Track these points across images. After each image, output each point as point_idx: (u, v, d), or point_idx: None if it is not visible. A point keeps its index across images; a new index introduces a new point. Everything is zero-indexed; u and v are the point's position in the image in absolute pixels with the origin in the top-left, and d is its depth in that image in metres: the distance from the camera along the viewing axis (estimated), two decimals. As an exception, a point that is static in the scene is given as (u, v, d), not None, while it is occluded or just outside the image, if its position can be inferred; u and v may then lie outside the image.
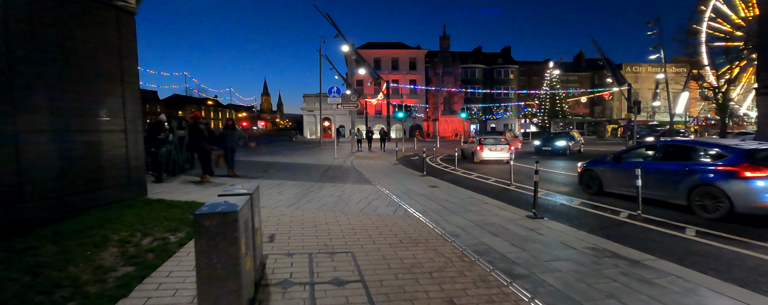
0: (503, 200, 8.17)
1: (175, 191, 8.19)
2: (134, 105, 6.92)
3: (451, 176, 13.10)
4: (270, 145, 30.51)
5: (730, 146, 7.12)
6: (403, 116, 25.96)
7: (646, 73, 78.22)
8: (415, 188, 9.30)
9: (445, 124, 48.52)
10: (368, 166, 15.00)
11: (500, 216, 6.36)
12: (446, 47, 50.33)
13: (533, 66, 78.34)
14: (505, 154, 17.19)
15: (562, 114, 50.84)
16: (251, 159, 16.52)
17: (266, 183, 9.57)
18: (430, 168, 15.07)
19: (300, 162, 15.89)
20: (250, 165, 14.15)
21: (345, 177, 11.28)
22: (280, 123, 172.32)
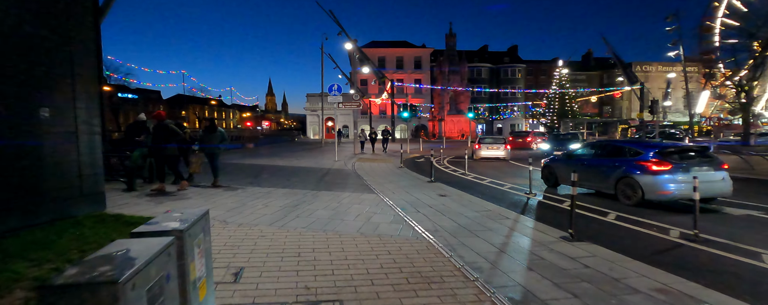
0: (526, 213, 7.00)
1: (145, 202, 7.08)
2: (89, 102, 5.81)
3: (462, 181, 11.93)
4: (270, 146, 29.46)
5: (645, 145, 8.87)
6: (408, 115, 24.77)
7: (657, 73, 76.58)
8: (422, 198, 8.13)
9: (451, 124, 47.27)
10: (371, 170, 13.85)
11: (529, 237, 5.19)
12: (452, 45, 49.07)
13: (541, 65, 76.86)
14: (501, 152, 19.12)
15: (572, 114, 49.41)
16: (244, 162, 15.42)
17: (253, 192, 8.43)
18: (438, 172, 13.89)
19: (297, 166, 14.76)
20: (242, 169, 13.04)
21: (344, 184, 10.12)
22: (284, 123, 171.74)
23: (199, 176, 10.01)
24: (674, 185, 7.37)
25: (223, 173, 11.39)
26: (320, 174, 12.14)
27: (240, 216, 6.03)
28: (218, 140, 9.35)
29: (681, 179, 7.38)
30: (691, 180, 6.42)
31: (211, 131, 9.36)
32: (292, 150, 24.62)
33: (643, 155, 8.14)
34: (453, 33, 49.04)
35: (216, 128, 9.49)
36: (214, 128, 9.48)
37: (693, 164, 7.83)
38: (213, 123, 9.68)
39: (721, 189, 7.73)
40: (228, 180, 10.09)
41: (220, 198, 7.51)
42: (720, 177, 7.76)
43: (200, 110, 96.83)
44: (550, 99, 50.63)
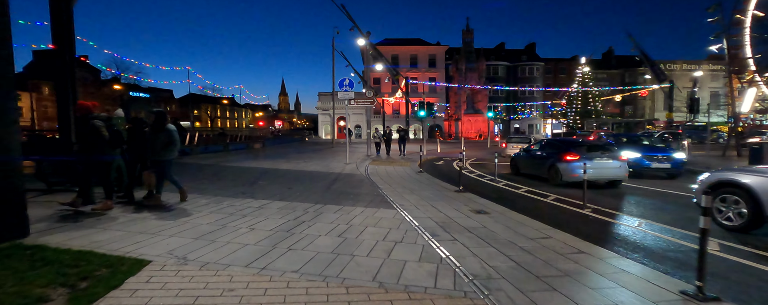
0: (603, 243, 5.19)
1: (88, 226, 5.45)
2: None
3: (495, 190, 10.11)
4: (278, 146, 27.95)
5: (565, 141, 12.92)
6: (425, 114, 22.99)
7: (681, 71, 73.53)
8: (455, 216, 6.36)
9: (467, 124, 45.28)
10: (386, 175, 12.11)
11: (631, 290, 3.40)
12: (470, 41, 47.03)
13: (560, 63, 74.34)
14: None
15: (595, 114, 46.95)
16: (244, 165, 13.81)
17: (241, 207, 6.76)
18: (464, 178, 12.12)
19: (303, 169, 13.09)
20: (238, 175, 11.41)
21: (356, 194, 8.39)
22: (297, 123, 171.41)
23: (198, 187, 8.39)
24: (581, 170, 8.56)
25: (215, 180, 9.80)
26: (328, 181, 10.43)
27: (210, 249, 4.34)
28: (162, 144, 6.49)
29: (585, 166, 8.68)
30: (592, 167, 9.75)
31: (157, 129, 6.56)
32: (301, 151, 23.02)
33: (562, 149, 11.29)
34: (470, 29, 46.96)
35: (164, 125, 6.58)
36: (161, 123, 6.58)
37: (595, 156, 10.78)
38: (161, 117, 6.67)
39: (617, 175, 10.71)
40: (216, 189, 8.45)
41: (195, 217, 5.85)
42: (616, 166, 10.68)
43: (212, 110, 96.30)
44: (572, 98, 48.22)
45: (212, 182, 9.56)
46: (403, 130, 21.39)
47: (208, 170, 12.20)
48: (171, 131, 6.61)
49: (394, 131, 21.11)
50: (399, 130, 21.93)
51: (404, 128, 21.62)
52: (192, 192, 7.83)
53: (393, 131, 20.24)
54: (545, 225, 5.89)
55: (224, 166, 13.31)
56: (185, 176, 10.27)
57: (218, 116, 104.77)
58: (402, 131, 21.91)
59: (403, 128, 21.04)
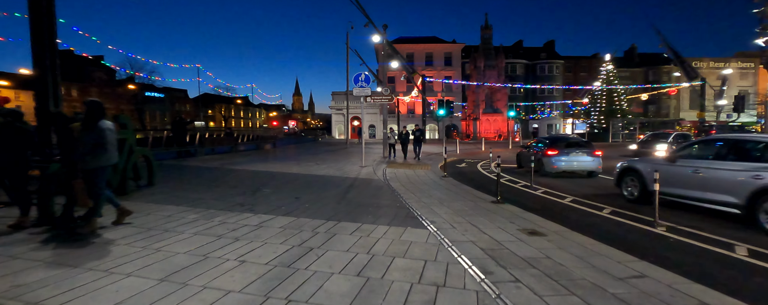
0: (718, 284, 3.74)
1: (20, 257, 4.23)
2: None
3: (536, 200, 8.67)
4: (289, 147, 26.82)
5: (547, 137, 14.81)
6: (444, 113, 21.59)
7: (708, 69, 70.53)
8: (504, 240, 4.98)
9: (486, 123, 43.59)
10: (407, 181, 10.75)
11: None
12: (488, 38, 45.29)
13: (580, 61, 72.01)
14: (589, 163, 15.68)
15: (621, 113, 44.78)
16: (251, 168, 12.59)
17: (237, 224, 5.49)
18: (501, 186, 10.72)
19: (314, 173, 11.81)
20: (243, 179, 10.18)
21: (375, 206, 7.06)
22: (311, 123, 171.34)
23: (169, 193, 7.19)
24: (558, 163, 11.78)
25: (213, 187, 8.56)
26: (342, 188, 9.12)
27: (174, 300, 3.04)
28: (89, 146, 4.68)
29: (563, 159, 12.09)
30: (569, 160, 12.48)
31: (87, 127, 4.76)
32: (314, 152, 21.81)
33: (544, 145, 13.41)
34: (489, 25, 45.18)
35: (96, 122, 4.76)
36: (92, 120, 4.76)
37: (572, 150, 12.62)
38: (92, 111, 4.80)
39: (591, 167, 12.45)
40: (211, 199, 7.20)
41: (173, 242, 4.58)
42: (590, 159, 12.43)
43: (226, 109, 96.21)
44: (596, 97, 46.10)
45: (209, 189, 8.33)
46: (419, 130, 18.78)
47: (209, 174, 11.01)
48: (102, 131, 4.75)
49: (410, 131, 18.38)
50: (414, 131, 18.63)
51: (420, 128, 19.63)
52: (183, 203, 6.60)
53: (409, 132, 18.12)
54: (625, 254, 4.47)
55: (228, 169, 12.12)
56: (180, 182, 9.08)
57: (232, 115, 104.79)
58: (418, 131, 18.79)
59: (418, 128, 19.09)
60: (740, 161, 6.41)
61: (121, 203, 5.39)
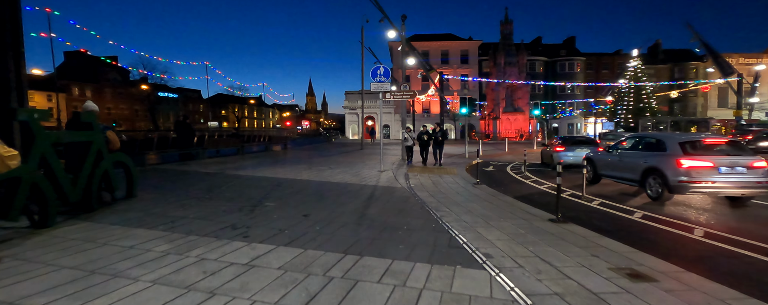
0: None
1: None
2: None
3: (601, 217, 6.98)
4: (302, 148, 25.42)
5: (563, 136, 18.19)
6: (467, 111, 19.97)
7: (738, 65, 67.18)
8: (599, 288, 3.37)
9: (506, 123, 41.60)
10: (436, 190, 9.16)
11: None
12: (508, 34, 43.27)
13: (602, 58, 69.33)
14: None
15: (650, 111, 42.33)
16: (256, 174, 11.13)
17: (220, 262, 3.98)
18: (536, 192, 9.07)
19: (328, 180, 10.29)
20: (244, 188, 8.70)
21: (405, 229, 5.48)
22: (324, 123, 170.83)
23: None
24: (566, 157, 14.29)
25: (205, 200, 7.06)
26: (361, 200, 7.57)
27: None
28: None
29: (570, 154, 14.64)
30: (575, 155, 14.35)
31: None
32: (327, 154, 20.34)
33: (558, 142, 16.12)
34: (509, 19, 43.17)
35: None
36: None
37: (578, 146, 15.10)
38: None
39: None
40: (197, 218, 5.71)
41: (113, 301, 3.08)
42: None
43: (239, 109, 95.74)
44: (623, 94, 43.73)
45: (199, 203, 6.87)
46: (441, 130, 15.55)
47: (206, 181, 9.57)
48: None
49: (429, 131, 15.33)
50: (435, 131, 15.28)
51: (441, 128, 16.28)
52: (158, 225, 5.14)
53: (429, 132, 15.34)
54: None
55: (230, 175, 10.69)
56: (166, 193, 7.63)
57: (245, 116, 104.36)
58: (438, 131, 15.33)
59: (440, 128, 16.05)
60: (641, 151, 9.35)
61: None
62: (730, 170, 7.88)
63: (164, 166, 12.32)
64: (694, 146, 8.36)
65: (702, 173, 7.82)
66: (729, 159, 7.98)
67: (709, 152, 8.27)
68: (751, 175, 7.84)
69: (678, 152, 8.25)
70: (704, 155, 8.11)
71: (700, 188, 7.88)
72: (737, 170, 7.89)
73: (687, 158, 8.02)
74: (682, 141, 8.52)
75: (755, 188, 7.83)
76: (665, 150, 8.53)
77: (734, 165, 7.91)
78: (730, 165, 7.91)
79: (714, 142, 8.65)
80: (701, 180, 7.78)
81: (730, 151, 8.32)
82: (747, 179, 7.81)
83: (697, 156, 8.05)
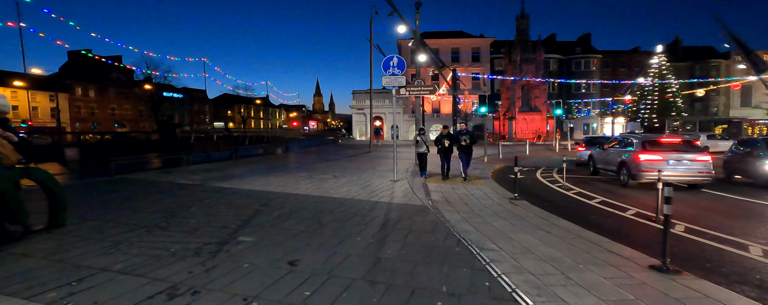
0: None
1: None
2: None
3: (716, 256, 4.91)
4: (306, 151, 23.48)
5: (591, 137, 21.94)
6: (486, 110, 17.96)
7: (762, 63, 64.05)
8: None
9: (522, 123, 39.33)
10: (467, 210, 7.15)
11: None
12: (524, 29, 40.96)
13: (619, 56, 66.75)
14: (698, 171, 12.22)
15: (676, 110, 39.83)
16: (243, 186, 9.16)
17: None
18: (607, 217, 7.02)
19: (330, 196, 8.30)
20: (218, 210, 6.75)
21: (445, 293, 3.49)
22: (331, 123, 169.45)
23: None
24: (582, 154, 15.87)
25: (157, 231, 5.06)
26: (372, 230, 5.57)
27: None
28: None
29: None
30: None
31: None
32: (332, 158, 18.38)
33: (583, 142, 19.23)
34: (526, 14, 40.87)
35: None
36: None
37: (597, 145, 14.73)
38: None
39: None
40: (130, 268, 3.75)
41: None
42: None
43: (245, 110, 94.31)
44: (646, 93, 41.27)
45: (147, 237, 4.92)
46: (467, 132, 11.40)
47: (176, 198, 7.65)
48: None
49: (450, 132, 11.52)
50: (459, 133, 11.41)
51: (467, 129, 12.63)
52: (50, 286, 3.20)
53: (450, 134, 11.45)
54: None
55: (211, 188, 8.76)
56: (109, 221, 5.67)
57: (251, 116, 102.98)
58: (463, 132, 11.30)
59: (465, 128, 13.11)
60: (620, 149, 11.58)
61: None
62: (676, 163, 10.11)
63: (139, 175, 10.44)
64: (652, 144, 10.62)
65: (654, 165, 9.91)
66: (676, 155, 10.19)
67: (662, 148, 10.44)
68: (693, 167, 10.06)
69: (639, 149, 10.60)
70: (658, 151, 10.32)
71: (650, 177, 9.80)
72: (683, 163, 10.11)
73: (644, 153, 10.35)
74: (643, 140, 10.86)
75: (697, 177, 10.15)
76: (632, 147, 10.96)
77: (680, 159, 10.13)
78: (677, 159, 10.14)
79: (669, 141, 10.91)
80: (653, 169, 9.64)
81: (680, 148, 10.46)
82: (689, 170, 10.08)
83: (651, 152, 10.34)
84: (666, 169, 9.82)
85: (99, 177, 9.87)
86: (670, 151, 10.28)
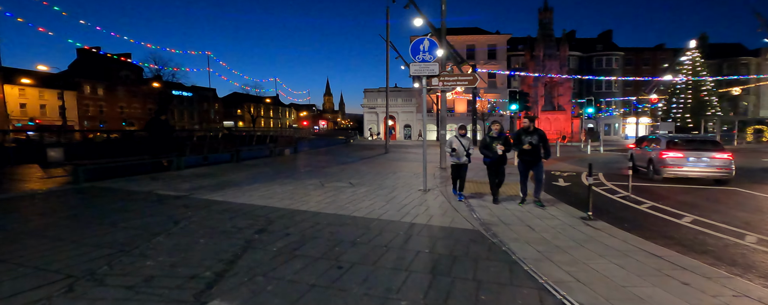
0: None
1: None
2: None
3: None
4: (316, 152, 21.64)
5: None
6: (517, 107, 15.97)
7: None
8: None
9: (545, 123, 37.08)
10: (538, 240, 5.19)
11: None
12: (548, 23, 38.62)
13: (642, 53, 64.05)
14: None
15: (712, 110, 37.20)
16: (240, 199, 7.25)
17: None
18: (690, 233, 5.00)
19: (348, 215, 6.37)
20: (195, 240, 4.88)
21: None
22: (341, 123, 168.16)
23: None
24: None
25: (97, 280, 3.20)
26: (421, 280, 3.66)
27: None
28: None
29: None
30: None
31: None
32: (345, 160, 16.51)
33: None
34: (549, 6, 38.59)
35: None
36: None
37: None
38: None
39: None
40: None
41: None
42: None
43: (255, 108, 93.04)
44: (678, 91, 38.72)
45: (59, 298, 3.07)
46: (533, 131, 7.16)
47: (143, 217, 5.79)
48: None
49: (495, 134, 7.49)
50: (520, 134, 7.24)
51: (531, 125, 7.19)
52: None
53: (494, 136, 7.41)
54: None
55: (196, 202, 6.91)
56: (24, 248, 3.82)
57: (261, 115, 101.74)
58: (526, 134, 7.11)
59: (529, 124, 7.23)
60: (651, 147, 12.47)
61: None
62: (696, 160, 10.96)
63: (117, 182, 8.65)
64: (675, 143, 11.58)
65: (676, 161, 11.03)
66: (696, 152, 11.04)
67: (684, 147, 11.32)
68: (713, 163, 10.85)
69: (664, 147, 11.60)
70: (679, 149, 11.24)
71: (672, 172, 11.10)
72: (702, 160, 10.93)
73: (667, 151, 11.31)
74: (668, 140, 11.92)
75: (717, 173, 10.86)
76: (659, 146, 11.89)
77: (700, 156, 10.96)
78: (696, 156, 10.99)
79: (693, 140, 12.03)
80: (674, 165, 11.02)
81: (701, 147, 11.29)
82: (710, 167, 10.88)
83: (673, 150, 11.31)
84: (686, 165, 11.03)
85: (67, 185, 8.13)
86: (690, 149, 11.26)
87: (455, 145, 7.82)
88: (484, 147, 7.47)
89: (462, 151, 7.82)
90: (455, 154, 7.86)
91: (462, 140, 7.90)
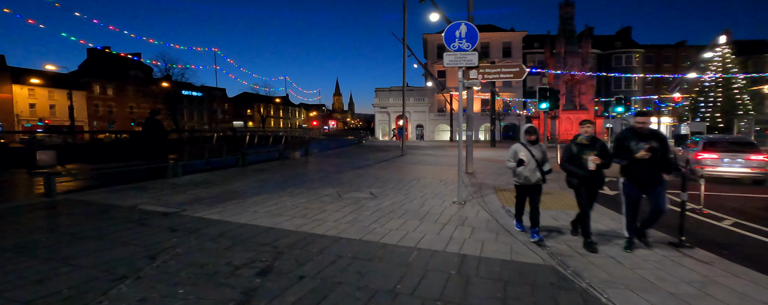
0: None
1: None
2: None
3: None
4: (326, 154, 20.35)
5: None
6: (548, 105, 14.56)
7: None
8: None
9: (566, 123, 35.36)
10: (629, 275, 3.80)
11: None
12: (569, 18, 36.94)
13: (662, 50, 61.73)
14: None
15: (744, 110, 35.20)
16: (236, 219, 5.91)
17: None
18: None
19: (378, 242, 5.02)
20: (185, 278, 3.59)
21: None
22: (351, 123, 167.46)
23: None
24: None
25: None
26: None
27: None
28: None
29: None
30: None
31: None
32: (361, 164, 15.18)
33: None
34: (570, 2, 36.91)
35: None
36: None
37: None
38: None
39: None
40: None
41: None
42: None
43: (265, 108, 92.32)
44: (707, 89, 36.73)
45: None
46: (653, 135, 4.81)
47: (112, 248, 4.46)
48: None
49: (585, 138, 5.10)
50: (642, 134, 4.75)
51: (648, 127, 4.87)
52: None
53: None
54: None
55: (187, 222, 5.61)
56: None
57: (271, 115, 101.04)
58: (650, 135, 4.74)
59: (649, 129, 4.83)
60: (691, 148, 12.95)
61: None
62: (730, 161, 11.52)
63: (99, 193, 7.39)
64: (711, 144, 12.23)
65: (711, 162, 11.59)
66: (731, 153, 11.60)
67: (719, 148, 11.93)
68: (747, 164, 11.34)
69: (700, 148, 12.24)
70: (714, 150, 11.82)
71: (708, 172, 11.30)
72: (737, 161, 11.46)
73: (703, 152, 11.91)
74: (705, 140, 12.65)
75: (752, 173, 11.35)
76: (697, 146, 12.59)
77: (734, 158, 11.50)
78: (731, 157, 11.55)
79: (728, 141, 12.60)
80: (708, 166, 11.54)
81: (735, 148, 11.86)
82: (742, 167, 11.38)
83: (709, 151, 11.88)
84: (721, 166, 11.49)
85: (38, 197, 6.90)
86: (725, 150, 11.71)
87: (523, 155, 5.13)
88: (568, 161, 5.00)
89: (534, 165, 5.13)
90: (521, 165, 5.11)
91: (532, 148, 5.18)
